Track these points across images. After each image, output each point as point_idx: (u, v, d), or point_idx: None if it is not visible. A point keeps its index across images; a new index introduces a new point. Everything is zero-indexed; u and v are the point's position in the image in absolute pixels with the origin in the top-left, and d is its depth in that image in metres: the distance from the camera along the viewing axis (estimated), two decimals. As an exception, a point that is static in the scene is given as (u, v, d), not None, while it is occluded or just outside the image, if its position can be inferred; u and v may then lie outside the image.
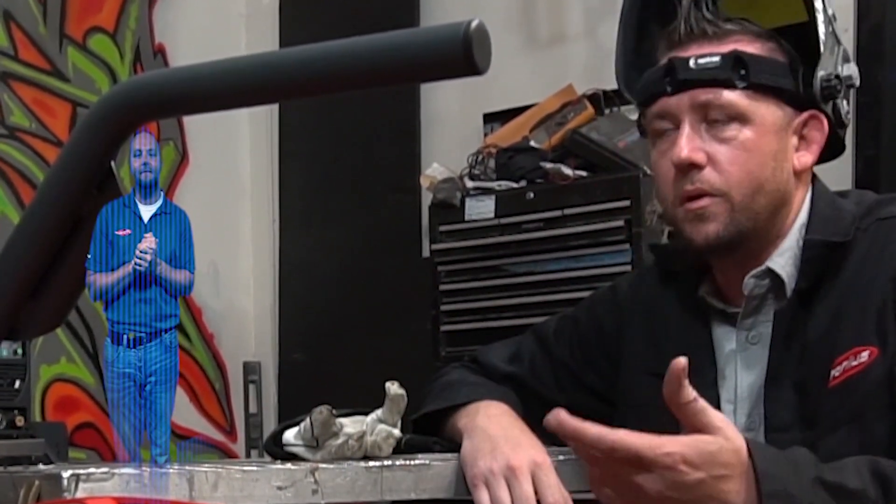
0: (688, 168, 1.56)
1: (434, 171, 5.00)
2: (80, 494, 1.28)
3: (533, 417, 1.74)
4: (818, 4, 1.60)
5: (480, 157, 4.83)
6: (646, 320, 1.73)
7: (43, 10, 5.94)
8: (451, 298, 4.81)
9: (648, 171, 4.21)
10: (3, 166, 5.76)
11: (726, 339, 1.65)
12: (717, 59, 1.56)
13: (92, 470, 1.31)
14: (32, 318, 0.85)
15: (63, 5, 6.00)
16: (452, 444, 1.68)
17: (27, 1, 5.87)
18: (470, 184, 4.81)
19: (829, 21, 1.60)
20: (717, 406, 1.53)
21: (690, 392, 1.30)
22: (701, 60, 1.56)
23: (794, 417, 1.53)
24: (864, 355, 1.50)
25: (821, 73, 1.58)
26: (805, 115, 1.60)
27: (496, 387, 1.77)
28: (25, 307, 0.85)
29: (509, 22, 5.34)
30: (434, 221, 4.90)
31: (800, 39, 1.61)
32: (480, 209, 4.72)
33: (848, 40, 4.34)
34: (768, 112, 1.57)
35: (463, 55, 0.72)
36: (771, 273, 1.59)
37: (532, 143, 4.74)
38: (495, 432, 1.61)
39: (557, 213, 4.50)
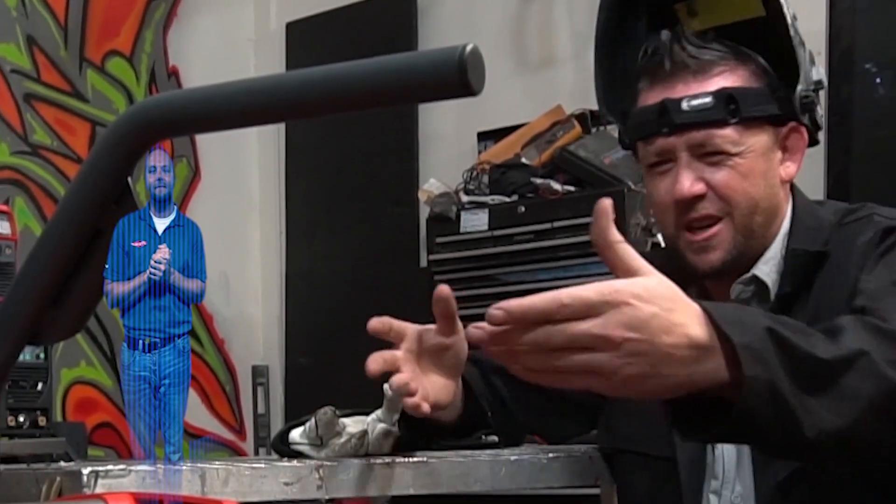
0: (691, 200, 1.56)
1: (431, 185, 5.00)
2: (98, 490, 1.28)
3: (524, 408, 1.76)
4: (784, 8, 1.57)
5: (475, 173, 4.83)
6: None
7: (64, 35, 5.94)
8: (447, 306, 4.80)
9: (633, 187, 4.20)
10: (26, 181, 5.76)
11: None
12: (708, 100, 1.54)
13: (110, 467, 1.31)
14: (54, 324, 0.85)
15: (83, 30, 6.01)
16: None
17: (49, 26, 5.87)
18: (465, 198, 4.82)
19: (794, 24, 1.57)
20: None
21: (618, 233, 1.22)
22: (693, 102, 1.55)
23: None
24: None
25: (800, 88, 1.57)
26: (787, 128, 1.59)
27: (482, 381, 1.78)
28: (47, 314, 0.84)
29: (502, 46, 5.34)
30: (431, 233, 4.90)
31: (765, 38, 1.58)
32: (475, 222, 4.73)
33: (820, 62, 4.34)
34: (757, 139, 1.56)
35: (458, 77, 0.72)
36: (756, 280, 1.59)
37: (523, 160, 4.75)
38: None
39: (547, 225, 4.51)
